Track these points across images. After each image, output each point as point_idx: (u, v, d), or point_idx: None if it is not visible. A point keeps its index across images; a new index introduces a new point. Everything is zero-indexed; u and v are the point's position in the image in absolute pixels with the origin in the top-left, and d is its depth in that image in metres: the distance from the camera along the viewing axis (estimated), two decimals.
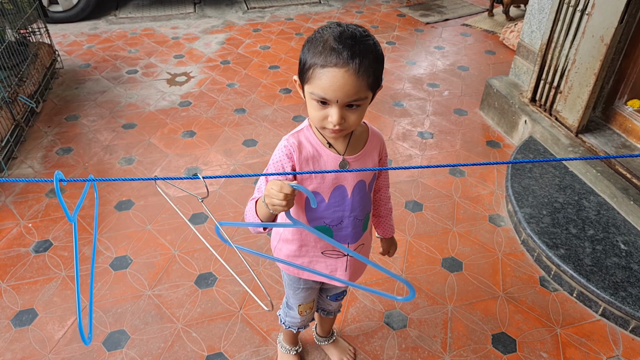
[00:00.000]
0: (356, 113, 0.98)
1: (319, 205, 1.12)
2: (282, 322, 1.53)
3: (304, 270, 1.21)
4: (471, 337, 1.78)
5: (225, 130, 2.96)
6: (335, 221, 1.15)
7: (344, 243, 1.20)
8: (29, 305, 1.87)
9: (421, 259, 2.09)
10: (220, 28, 4.47)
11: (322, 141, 1.09)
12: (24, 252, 2.10)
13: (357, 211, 1.15)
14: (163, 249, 2.13)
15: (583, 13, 2.29)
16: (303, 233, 1.17)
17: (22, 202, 2.37)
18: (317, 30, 0.98)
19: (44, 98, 3.22)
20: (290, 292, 1.38)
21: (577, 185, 2.32)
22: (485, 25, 4.51)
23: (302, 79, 1.00)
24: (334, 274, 1.25)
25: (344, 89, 0.92)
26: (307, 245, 1.19)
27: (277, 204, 0.92)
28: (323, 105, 0.97)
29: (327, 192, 1.10)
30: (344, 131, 1.01)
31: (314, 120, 1.00)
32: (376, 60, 0.96)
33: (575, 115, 2.44)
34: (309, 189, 1.09)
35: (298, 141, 1.07)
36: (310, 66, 0.95)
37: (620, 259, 1.93)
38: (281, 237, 1.24)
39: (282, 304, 1.54)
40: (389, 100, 3.31)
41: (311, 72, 0.95)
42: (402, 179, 2.57)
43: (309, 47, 0.96)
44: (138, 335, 1.77)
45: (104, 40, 4.18)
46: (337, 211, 1.13)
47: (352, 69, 0.91)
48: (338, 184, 1.11)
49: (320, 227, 1.16)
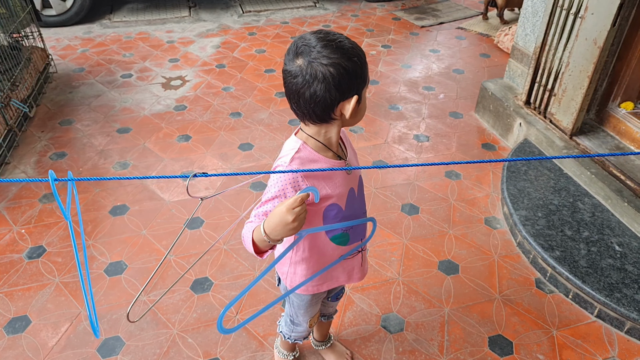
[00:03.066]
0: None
1: (337, 215, 1.09)
2: (288, 337, 1.49)
3: (324, 283, 1.20)
4: (468, 340, 1.78)
5: (220, 134, 2.95)
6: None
7: (358, 240, 1.19)
8: (22, 312, 1.85)
9: (418, 262, 2.09)
10: (215, 32, 4.47)
11: (323, 154, 1.05)
12: (17, 259, 2.08)
13: (363, 206, 1.17)
14: (158, 254, 2.11)
15: (576, 16, 2.31)
16: (322, 244, 1.14)
17: (15, 207, 2.35)
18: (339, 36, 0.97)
19: (38, 103, 3.20)
20: (301, 312, 1.34)
21: (572, 187, 2.33)
22: (480, 29, 4.54)
23: (358, 87, 0.99)
24: (352, 273, 1.25)
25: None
26: (325, 256, 1.16)
27: (303, 216, 0.91)
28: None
29: (342, 200, 1.09)
30: None
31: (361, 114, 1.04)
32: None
33: (569, 117, 2.46)
34: (326, 204, 1.07)
35: (300, 165, 1.02)
36: (360, 75, 0.98)
37: (615, 260, 1.94)
38: (293, 261, 1.18)
39: (283, 322, 1.50)
40: (385, 103, 3.32)
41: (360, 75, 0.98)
42: (398, 182, 2.57)
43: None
44: (133, 342, 1.75)
45: (98, 44, 4.16)
46: (352, 215, 1.13)
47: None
48: (349, 187, 1.10)
49: (338, 236, 1.14)
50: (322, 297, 1.35)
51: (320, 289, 1.25)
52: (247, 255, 2.10)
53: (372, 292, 1.96)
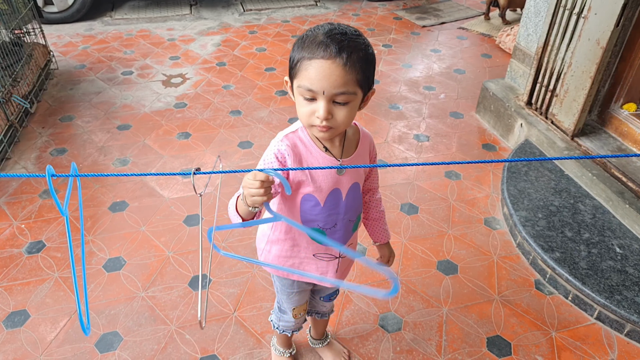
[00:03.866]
0: (344, 111, 0.95)
1: (313, 208, 1.10)
2: (276, 327, 1.51)
3: (294, 273, 1.20)
4: (466, 340, 1.77)
5: (220, 131, 2.95)
6: (329, 224, 1.13)
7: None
8: (21, 306, 1.85)
9: (416, 262, 2.09)
10: (216, 30, 4.47)
11: (318, 145, 1.06)
12: (16, 253, 2.08)
13: (350, 213, 1.14)
14: (157, 251, 2.11)
15: (579, 16, 2.30)
16: (296, 232, 1.16)
17: (16, 202, 2.35)
18: (309, 29, 0.97)
19: (39, 99, 3.20)
20: (284, 297, 1.37)
21: (573, 189, 2.32)
22: (482, 29, 4.53)
23: (291, 75, 0.98)
24: (324, 276, 1.24)
25: (330, 79, 0.90)
26: (299, 245, 1.18)
27: (255, 193, 0.89)
28: (310, 101, 0.95)
29: (323, 196, 1.09)
30: (333, 130, 0.97)
31: (302, 117, 0.98)
32: (366, 59, 0.94)
33: (571, 118, 2.45)
34: (305, 192, 1.08)
35: (292, 143, 1.04)
36: (298, 60, 0.94)
37: (615, 262, 1.93)
38: (270, 239, 1.21)
39: (273, 310, 1.52)
40: (385, 102, 3.31)
41: (299, 65, 0.94)
42: (398, 181, 2.56)
43: (299, 44, 0.95)
44: (131, 337, 1.75)
45: (100, 42, 4.16)
46: (331, 214, 1.12)
47: (340, 62, 0.90)
48: (334, 187, 1.09)
49: (314, 230, 1.15)
50: (305, 288, 1.34)
51: (291, 277, 1.27)
52: (245, 253, 2.10)
53: None
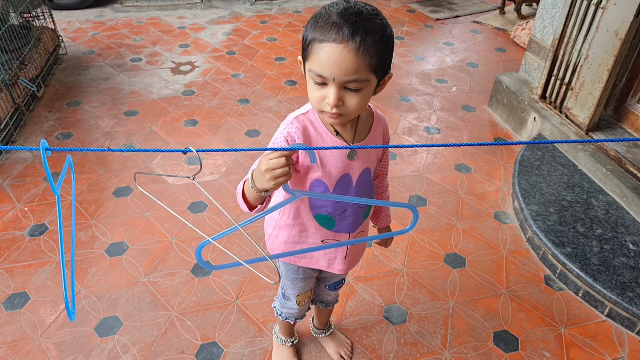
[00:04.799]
0: (356, 98, 0.91)
1: (324, 194, 1.06)
2: (279, 314, 1.48)
3: (304, 252, 1.16)
4: (472, 334, 1.73)
5: (228, 120, 2.92)
6: (338, 210, 1.10)
7: (345, 232, 1.15)
8: (21, 288, 1.84)
9: (423, 254, 2.04)
10: (227, 19, 4.43)
11: (329, 128, 1.02)
12: (19, 236, 2.07)
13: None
14: (160, 237, 2.09)
15: (598, 6, 2.23)
16: (305, 218, 1.12)
17: (20, 185, 2.34)
18: (323, 6, 0.93)
19: (46, 83, 3.19)
20: (288, 283, 1.34)
21: (586, 184, 2.26)
22: (496, 23, 4.44)
23: (304, 56, 0.94)
24: (333, 262, 1.20)
25: (341, 65, 0.86)
26: (307, 231, 1.14)
27: (281, 173, 0.85)
28: (321, 86, 0.91)
29: (332, 182, 1.05)
30: (343, 117, 0.94)
31: (313, 101, 0.95)
32: (382, 41, 0.88)
33: (586, 112, 2.38)
34: (314, 178, 1.04)
35: (303, 126, 1.01)
36: (310, 41, 0.90)
37: (628, 259, 1.87)
38: (277, 224, 1.18)
39: (277, 296, 1.49)
40: (396, 94, 3.26)
41: (310, 47, 0.89)
42: (407, 173, 2.52)
43: (311, 23, 0.91)
44: (131, 322, 1.73)
45: (109, 28, 4.15)
46: (341, 202, 1.08)
47: (352, 46, 0.85)
48: (344, 173, 1.05)
49: (322, 216, 1.11)
50: (311, 274, 1.31)
51: (298, 263, 1.24)
52: (249, 241, 2.07)
53: (376, 282, 1.91)
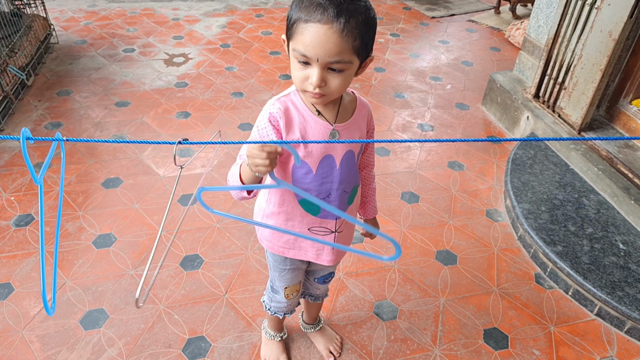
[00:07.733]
0: (339, 78, 0.92)
1: (306, 176, 1.05)
2: (267, 308, 1.46)
3: (291, 233, 1.15)
4: (462, 332, 1.72)
5: (221, 112, 2.89)
6: (322, 194, 1.08)
7: (332, 218, 1.13)
8: (5, 279, 1.80)
9: (415, 251, 2.04)
10: (222, 11, 4.39)
11: (311, 108, 1.02)
12: (4, 225, 2.03)
13: (345, 183, 1.09)
14: (149, 229, 2.06)
15: (592, 7, 2.23)
16: (290, 206, 1.11)
17: (6, 174, 2.30)
18: None
19: (37, 72, 3.14)
20: (276, 275, 1.32)
21: (578, 183, 2.27)
22: (492, 22, 4.45)
23: (288, 35, 0.94)
24: (321, 252, 1.19)
25: (325, 46, 0.86)
26: (293, 219, 1.13)
27: (260, 163, 0.88)
28: (304, 65, 0.91)
29: (315, 162, 1.04)
30: (325, 97, 0.95)
31: (296, 81, 0.95)
32: (366, 23, 0.89)
33: (578, 112, 2.39)
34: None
35: (284, 107, 1.01)
36: (294, 21, 0.89)
37: (618, 258, 1.88)
38: (265, 213, 1.16)
39: (266, 290, 1.47)
40: (390, 91, 3.25)
41: (295, 26, 0.89)
42: (400, 169, 2.51)
43: (297, 3, 0.90)
44: (117, 315, 1.70)
45: (102, 18, 4.09)
46: (325, 183, 1.07)
47: (337, 27, 0.86)
48: (327, 153, 1.04)
49: (307, 201, 1.10)
50: (299, 266, 1.29)
51: (286, 254, 1.22)
52: (240, 235, 2.05)
53: (367, 278, 1.90)
